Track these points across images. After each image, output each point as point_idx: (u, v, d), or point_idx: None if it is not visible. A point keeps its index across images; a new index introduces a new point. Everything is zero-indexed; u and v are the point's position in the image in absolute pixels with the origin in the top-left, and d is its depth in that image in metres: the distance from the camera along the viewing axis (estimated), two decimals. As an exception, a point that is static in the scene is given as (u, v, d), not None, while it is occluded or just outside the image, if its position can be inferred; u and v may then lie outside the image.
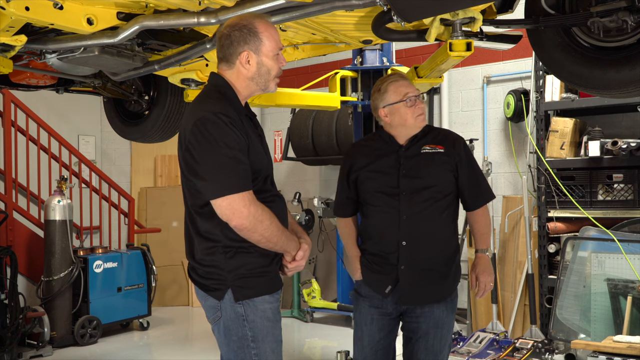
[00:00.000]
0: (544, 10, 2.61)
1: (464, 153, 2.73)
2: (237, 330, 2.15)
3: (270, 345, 2.18)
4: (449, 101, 6.43)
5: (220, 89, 2.20)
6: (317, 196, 6.57)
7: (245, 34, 2.16)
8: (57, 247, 5.54)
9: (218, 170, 2.03)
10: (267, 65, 2.21)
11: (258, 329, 2.15)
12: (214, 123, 2.04)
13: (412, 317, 2.70)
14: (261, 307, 2.16)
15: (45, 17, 2.50)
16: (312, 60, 7.33)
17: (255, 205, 2.05)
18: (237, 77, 2.21)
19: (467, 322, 5.67)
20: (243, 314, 2.14)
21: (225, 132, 2.04)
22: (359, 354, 2.76)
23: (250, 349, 2.15)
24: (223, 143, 2.03)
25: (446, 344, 2.71)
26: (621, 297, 4.39)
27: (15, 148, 6.04)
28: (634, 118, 5.21)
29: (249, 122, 2.22)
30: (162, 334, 6.15)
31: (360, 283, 2.78)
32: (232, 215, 2.02)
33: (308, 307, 6.54)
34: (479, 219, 2.82)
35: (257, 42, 2.17)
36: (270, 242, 2.12)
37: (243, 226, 2.04)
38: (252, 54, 2.18)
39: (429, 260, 2.65)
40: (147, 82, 4.19)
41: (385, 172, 2.70)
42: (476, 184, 2.76)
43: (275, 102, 3.89)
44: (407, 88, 2.70)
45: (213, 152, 2.03)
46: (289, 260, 2.24)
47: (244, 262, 2.14)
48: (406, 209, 2.63)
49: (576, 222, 5.05)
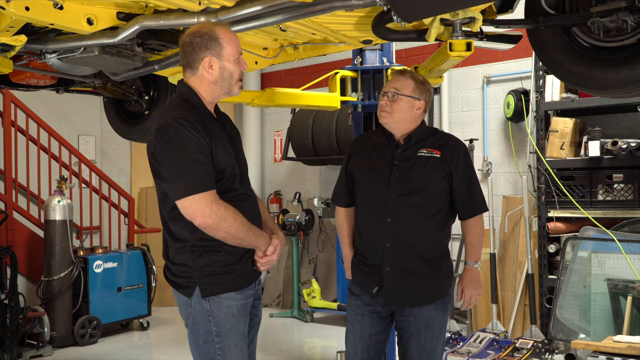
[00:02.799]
0: (544, 10, 2.61)
1: (461, 161, 2.68)
2: (203, 325, 2.26)
3: (234, 340, 2.27)
4: (449, 101, 6.43)
5: (183, 97, 2.31)
6: (317, 196, 6.57)
7: (206, 40, 2.27)
8: (57, 247, 5.54)
9: (179, 172, 2.14)
10: (229, 69, 2.31)
11: (222, 324, 2.25)
12: (174, 128, 2.16)
13: (403, 316, 2.70)
14: (226, 304, 2.26)
15: (45, 17, 2.50)
16: (312, 60, 7.32)
17: (217, 204, 2.14)
18: (201, 82, 2.31)
19: (467, 322, 5.67)
20: (209, 309, 2.25)
21: (184, 135, 2.15)
22: (351, 348, 2.76)
23: (214, 343, 2.26)
24: (182, 146, 2.14)
25: (439, 342, 2.71)
26: (621, 297, 4.39)
27: (15, 148, 6.04)
28: (634, 118, 5.21)
29: (217, 125, 2.32)
30: (162, 334, 6.15)
31: (352, 281, 2.81)
32: (195, 214, 2.12)
33: (308, 307, 6.54)
34: (471, 230, 2.77)
35: (218, 48, 2.27)
36: (236, 238, 2.21)
37: (206, 224, 2.14)
38: (214, 59, 2.28)
39: (413, 264, 2.62)
40: (147, 82, 4.18)
41: (378, 171, 2.69)
42: (469, 193, 2.71)
43: (275, 102, 3.88)
44: (390, 83, 2.73)
45: (174, 155, 2.15)
46: (260, 256, 2.32)
47: (211, 261, 2.25)
48: (392, 211, 2.62)
49: (576, 222, 5.05)
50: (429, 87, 2.76)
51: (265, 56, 3.51)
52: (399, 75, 2.76)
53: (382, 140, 2.77)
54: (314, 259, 7.41)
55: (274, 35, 3.25)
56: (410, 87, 2.69)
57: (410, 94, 2.68)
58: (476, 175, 2.78)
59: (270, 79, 8.09)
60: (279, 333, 6.15)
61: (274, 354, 5.28)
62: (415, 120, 2.72)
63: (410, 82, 2.70)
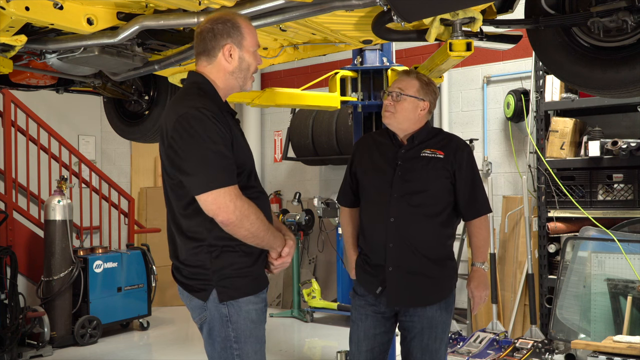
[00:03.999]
0: (544, 10, 2.61)
1: (465, 162, 2.67)
2: (221, 330, 2.15)
3: (253, 347, 2.17)
4: (449, 101, 6.43)
5: (200, 86, 2.20)
6: (317, 196, 6.57)
7: (229, 27, 2.17)
8: (57, 247, 5.54)
9: (203, 164, 2.01)
10: (248, 61, 2.22)
11: (241, 330, 2.14)
12: (197, 118, 2.03)
13: (407, 316, 2.69)
14: (245, 308, 2.15)
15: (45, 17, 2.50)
16: (312, 60, 7.33)
17: (241, 199, 2.03)
18: (218, 71, 2.21)
19: (467, 322, 5.67)
20: (227, 314, 2.13)
21: (208, 126, 2.02)
22: (355, 348, 2.75)
23: (232, 350, 2.15)
24: (207, 137, 2.01)
25: (442, 343, 2.70)
26: (621, 297, 4.39)
27: (15, 148, 6.04)
28: (634, 118, 5.21)
29: (232, 118, 2.22)
30: (162, 334, 6.15)
31: (356, 281, 2.80)
32: (219, 210, 2.00)
33: (308, 307, 6.54)
34: (476, 231, 2.76)
35: (239, 37, 2.18)
36: (257, 237, 2.10)
37: (229, 221, 2.02)
38: (234, 48, 2.18)
39: (416, 265, 2.61)
40: (147, 82, 4.19)
41: (381, 171, 2.68)
42: (472, 195, 2.69)
43: (275, 102, 3.88)
44: (395, 83, 2.72)
45: (197, 147, 2.01)
46: (274, 257, 2.22)
47: (229, 262, 2.13)
48: (395, 211, 2.61)
49: (576, 222, 5.06)
50: (434, 88, 2.74)
51: (265, 56, 3.51)
52: (403, 75, 2.76)
53: (385, 140, 2.76)
54: (314, 259, 7.42)
55: (274, 35, 3.25)
56: (415, 88, 2.67)
57: (414, 95, 2.66)
58: (480, 177, 2.76)
59: (270, 79, 8.09)
60: (279, 333, 6.15)
61: (274, 354, 5.28)
62: (419, 120, 2.70)
63: (415, 82, 2.68)
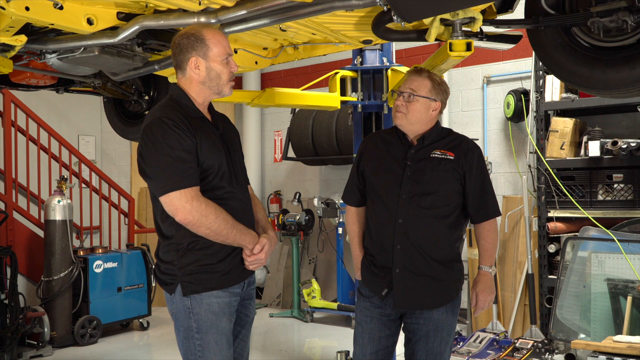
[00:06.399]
0: (544, 10, 2.61)
1: (475, 163, 2.63)
2: (184, 321, 2.32)
3: (214, 337, 2.31)
4: (448, 101, 6.36)
5: (172, 97, 2.38)
6: (317, 196, 6.57)
7: (192, 41, 2.32)
8: (57, 247, 5.54)
9: (162, 169, 2.22)
10: (217, 70, 2.35)
11: (202, 321, 2.29)
12: (158, 126, 2.23)
13: (412, 318, 2.66)
14: (207, 301, 2.29)
15: (45, 17, 2.50)
16: (312, 60, 7.33)
17: (198, 200, 2.20)
18: (190, 82, 2.37)
19: (467, 322, 5.67)
20: (189, 306, 2.30)
21: (168, 134, 2.21)
22: (360, 351, 2.71)
23: (194, 340, 2.31)
24: (165, 144, 2.20)
25: (447, 346, 2.67)
26: (621, 297, 4.39)
27: (15, 148, 6.04)
28: (634, 118, 5.21)
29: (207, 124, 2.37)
30: (162, 334, 6.15)
31: (362, 282, 2.76)
32: (176, 210, 2.19)
33: (308, 307, 6.54)
34: (484, 234, 2.71)
35: (204, 48, 2.32)
36: (220, 235, 2.25)
37: (187, 220, 2.20)
38: (200, 60, 2.32)
39: (423, 267, 2.58)
40: (147, 82, 4.19)
41: (390, 171, 2.65)
42: (482, 197, 2.65)
43: (275, 102, 3.88)
44: (406, 83, 2.66)
45: (157, 153, 2.22)
46: (247, 255, 2.36)
47: (194, 259, 2.29)
48: (403, 212, 2.57)
49: (576, 222, 5.06)
50: (446, 87, 2.71)
51: (265, 56, 3.51)
52: (415, 75, 2.68)
53: (394, 140, 2.72)
54: (314, 259, 7.42)
55: (274, 35, 3.25)
56: (427, 88, 2.63)
57: (426, 95, 2.62)
58: (490, 179, 2.72)
59: (270, 79, 8.10)
60: (279, 333, 6.15)
61: (274, 354, 5.28)
62: (430, 121, 2.67)
63: (427, 82, 2.64)
